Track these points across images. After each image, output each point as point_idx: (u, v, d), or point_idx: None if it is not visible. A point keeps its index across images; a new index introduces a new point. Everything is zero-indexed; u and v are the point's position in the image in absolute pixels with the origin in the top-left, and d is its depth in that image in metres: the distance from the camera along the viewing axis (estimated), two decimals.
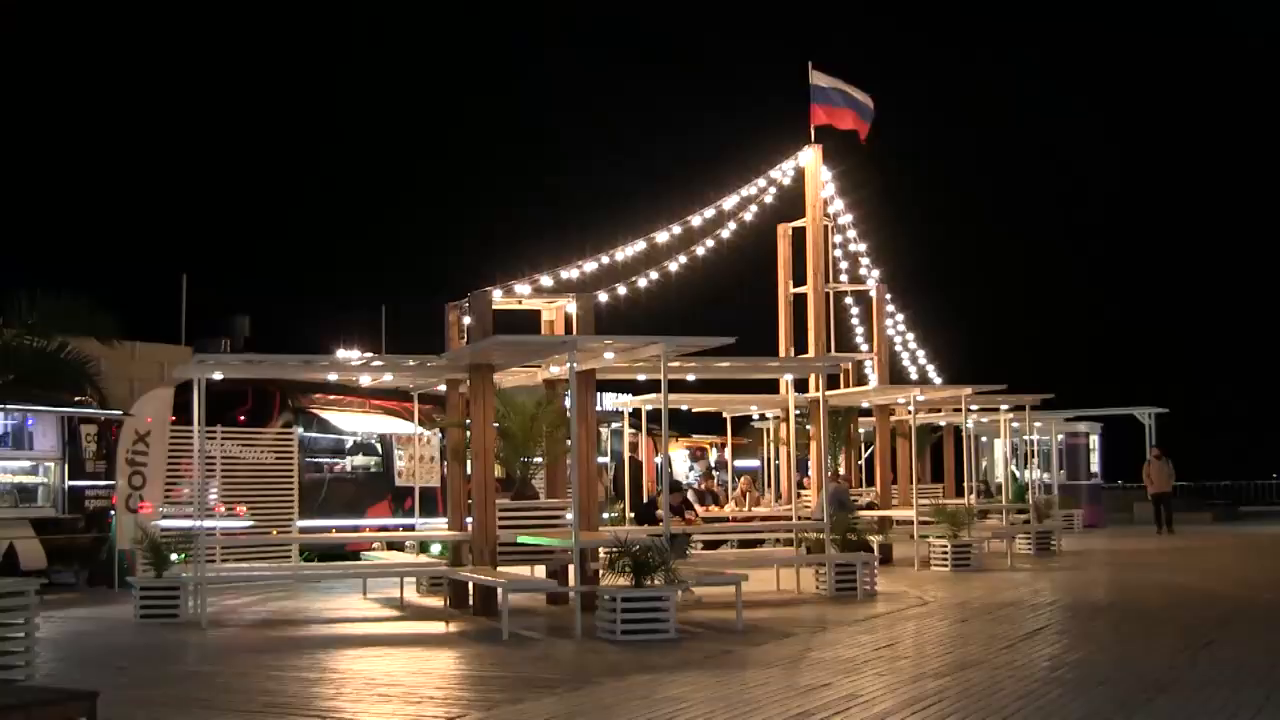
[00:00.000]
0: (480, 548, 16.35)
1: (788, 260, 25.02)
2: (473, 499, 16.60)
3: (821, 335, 23.96)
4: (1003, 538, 24.14)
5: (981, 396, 25.17)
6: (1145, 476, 32.06)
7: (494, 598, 15.77)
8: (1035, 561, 23.74)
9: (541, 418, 17.28)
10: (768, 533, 22.44)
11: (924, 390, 23.92)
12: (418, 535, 19.56)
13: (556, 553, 16.39)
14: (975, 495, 27.48)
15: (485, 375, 16.58)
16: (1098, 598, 17.87)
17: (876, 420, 25.15)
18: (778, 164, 24.33)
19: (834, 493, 20.90)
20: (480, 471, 16.43)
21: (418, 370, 17.84)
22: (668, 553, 13.82)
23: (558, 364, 17.12)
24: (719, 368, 19.15)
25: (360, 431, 24.58)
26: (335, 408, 24.09)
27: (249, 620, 16.22)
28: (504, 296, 17.81)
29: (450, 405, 18.14)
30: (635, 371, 18.66)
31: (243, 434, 21.74)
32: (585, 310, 17.20)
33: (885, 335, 25.98)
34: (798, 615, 15.75)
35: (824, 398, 19.68)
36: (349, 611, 16.94)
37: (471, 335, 16.94)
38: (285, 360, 17.76)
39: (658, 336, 15.25)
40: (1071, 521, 32.77)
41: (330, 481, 23.67)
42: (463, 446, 17.33)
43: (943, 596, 17.58)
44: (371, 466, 24.73)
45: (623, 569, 13.72)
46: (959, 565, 21.67)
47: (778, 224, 24.96)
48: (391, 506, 24.31)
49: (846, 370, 25.64)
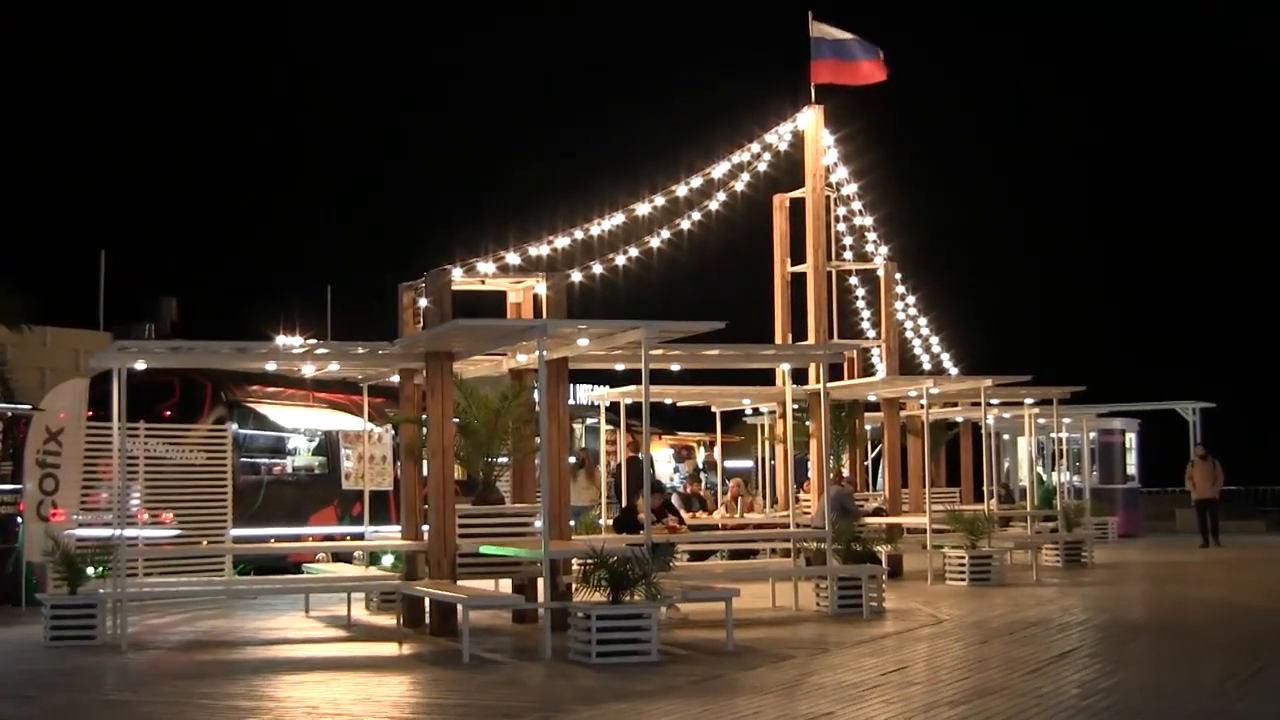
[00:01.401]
0: (438, 559, 16.33)
1: (785, 235, 25.02)
2: (429, 504, 16.58)
3: (823, 320, 23.96)
4: (1027, 548, 24.18)
5: (1003, 389, 25.20)
6: (1188, 480, 32.16)
7: (453, 616, 15.76)
8: (1064, 575, 23.82)
9: (507, 412, 17.26)
10: (762, 542, 22.43)
11: (938, 382, 23.94)
12: (368, 545, 19.54)
13: (524, 565, 16.37)
14: (996, 500, 27.51)
15: (444, 364, 16.54)
16: (1134, 616, 17.95)
17: (884, 416, 25.17)
18: (773, 127, 24.33)
19: (836, 497, 20.91)
20: (438, 473, 16.40)
21: (368, 359, 17.81)
22: (649, 564, 13.84)
23: (525, 352, 17.10)
24: (707, 356, 19.15)
25: (303, 428, 24.53)
26: (274, 401, 24.03)
27: (175, 642, 16.19)
28: (465, 275, 17.78)
29: (404, 398, 18.12)
30: (613, 360, 18.63)
31: (169, 431, 21.68)
32: (557, 291, 17.18)
33: (895, 320, 25.98)
34: (796, 635, 15.77)
35: (825, 390, 19.69)
36: (289, 632, 16.91)
37: (428, 319, 16.90)
38: (217, 347, 17.68)
39: (638, 321, 15.24)
40: (1105, 530, 32.91)
41: (269, 484, 23.62)
42: (418, 445, 17.30)
43: (959, 614, 17.62)
44: (315, 467, 24.67)
45: (598, 583, 13.73)
46: (977, 579, 21.71)
47: (773, 194, 24.94)
48: (338, 513, 24.27)
49: (851, 359, 25.66)
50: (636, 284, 22.33)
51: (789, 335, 24.69)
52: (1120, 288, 62.68)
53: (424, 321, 17.15)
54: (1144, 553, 29.98)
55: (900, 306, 26.95)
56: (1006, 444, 36.54)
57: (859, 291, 26.95)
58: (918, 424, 25.38)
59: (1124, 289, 62.83)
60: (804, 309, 24.16)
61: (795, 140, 24.37)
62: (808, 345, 23.14)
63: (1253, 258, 60.33)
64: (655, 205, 22.61)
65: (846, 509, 21.51)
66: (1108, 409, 36.17)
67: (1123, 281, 63.00)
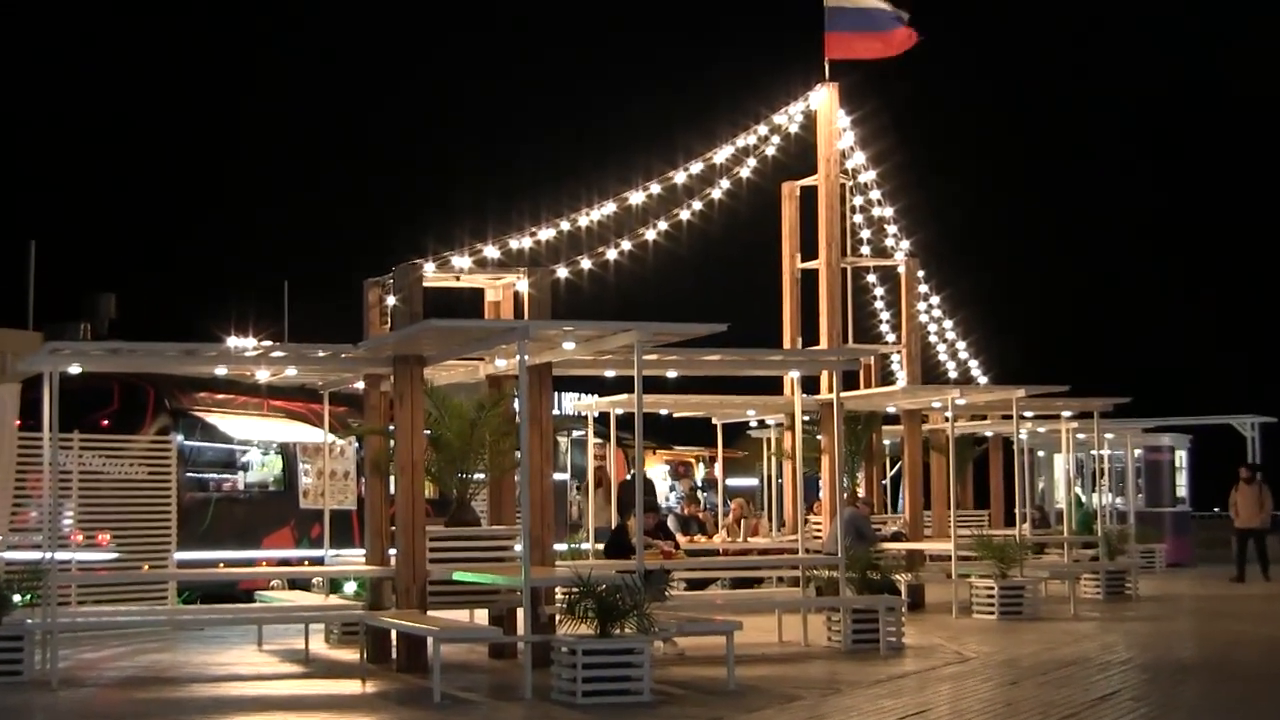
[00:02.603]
0: (406, 587, 16.34)
1: (794, 227, 25.04)
2: (397, 525, 16.58)
3: (836, 322, 24.00)
4: (1064, 578, 24.21)
5: (1038, 400, 25.24)
6: (1231, 506, 31.71)
7: (423, 650, 15.75)
8: (1105, 609, 23.84)
9: (484, 423, 17.26)
10: (768, 569, 22.45)
11: (965, 392, 24.00)
12: (328, 571, 19.54)
13: (502, 593, 16.39)
14: (1029, 525, 27.55)
15: (413, 369, 16.55)
16: (1184, 656, 17.96)
17: (905, 429, 25.22)
18: (782, 107, 24.35)
19: (851, 520, 20.93)
20: (407, 490, 16.40)
21: (329, 363, 17.80)
22: (642, 593, 13.84)
23: (505, 356, 17.10)
24: (707, 362, 19.15)
25: (257, 440, 24.52)
26: (225, 410, 24.04)
27: (112, 679, 16.18)
28: (438, 271, 17.79)
29: (370, 407, 18.12)
30: (602, 366, 18.64)
31: (107, 442, 21.67)
32: (540, 289, 17.20)
33: (917, 322, 26.03)
34: (805, 674, 15.78)
35: (839, 400, 19.71)
36: (240, 667, 16.90)
37: (396, 319, 16.92)
38: (161, 349, 17.69)
39: (630, 322, 15.24)
40: (1152, 559, 32.91)
41: (217, 502, 23.62)
42: (385, 459, 17.32)
43: (987, 652, 17.64)
44: (270, 484, 24.68)
45: (585, 614, 13.73)
46: (1008, 612, 21.74)
47: (782, 182, 24.97)
48: (295, 534, 24.27)
49: (867, 366, 25.70)
50: (629, 281, 22.36)
51: (799, 339, 24.70)
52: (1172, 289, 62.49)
53: (392, 322, 17.16)
54: (1195, 584, 29.99)
55: (923, 308, 26.93)
56: (1041, 462, 36.55)
57: (877, 291, 26.93)
58: (942, 439, 25.39)
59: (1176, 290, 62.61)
60: (815, 310, 24.17)
61: (807, 121, 24.39)
62: (820, 350, 23.17)
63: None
64: (650, 194, 22.62)
65: (862, 533, 21.52)
66: (1155, 423, 36.22)
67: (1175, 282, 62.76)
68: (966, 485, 29.34)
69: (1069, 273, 59.78)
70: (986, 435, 30.05)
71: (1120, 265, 62.22)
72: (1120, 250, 62.58)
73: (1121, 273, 61.95)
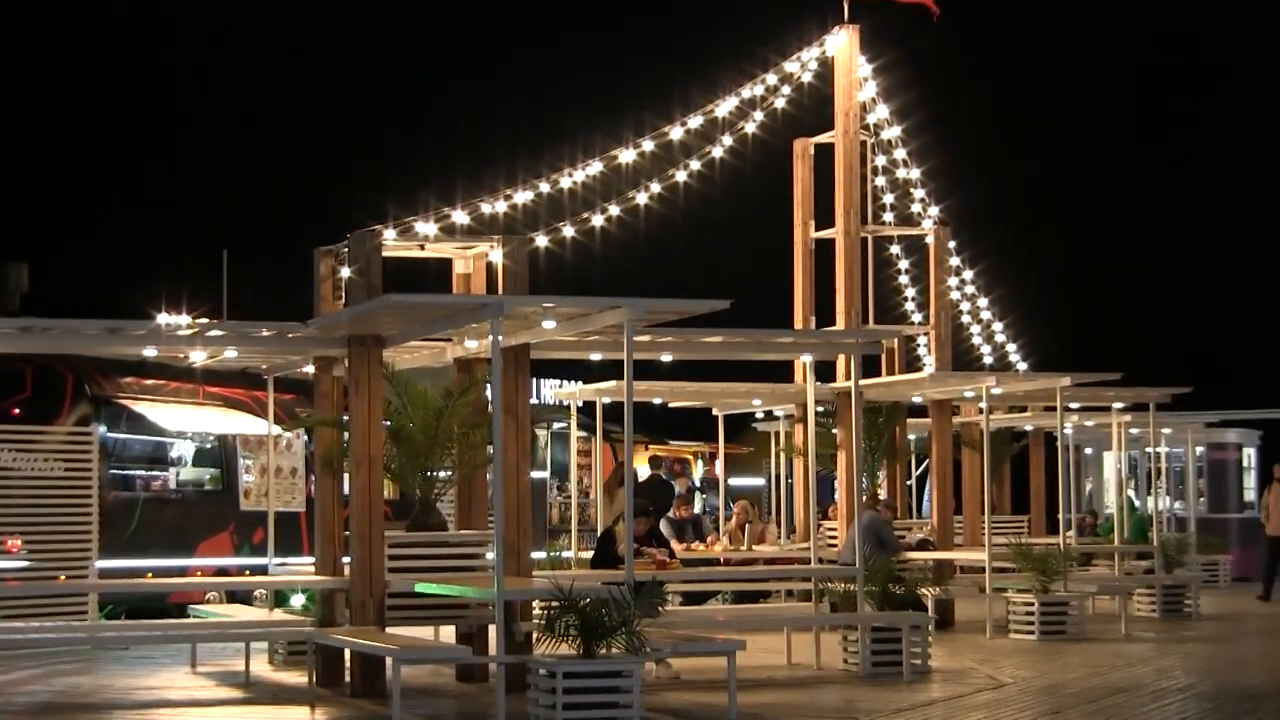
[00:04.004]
0: (362, 600, 16.37)
1: (808, 191, 25.04)
2: (351, 530, 16.60)
3: (855, 299, 24.02)
4: (1115, 593, 24.25)
5: (1086, 389, 25.25)
6: (1262, 510, 31.44)
7: (381, 672, 15.80)
8: (1161, 628, 23.90)
9: (452, 413, 17.29)
10: (775, 582, 22.47)
11: (1002, 380, 23.99)
12: (272, 582, 19.55)
13: (472, 607, 16.43)
14: (1075, 532, 27.60)
15: (371, 351, 16.57)
16: (1253, 683, 18.00)
17: (933, 423, 25.24)
18: (795, 53, 24.35)
19: (870, 525, 20.97)
20: (363, 490, 16.43)
21: (274, 343, 17.81)
22: (631, 608, 13.88)
23: (476, 336, 17.13)
24: (707, 344, 19.19)
25: (191, 431, 24.54)
26: (154, 397, 24.04)
27: (25, 704, 16.18)
28: (400, 239, 17.80)
29: (321, 394, 18.14)
30: (587, 349, 18.67)
31: (18, 434, 21.68)
32: (516, 260, 17.21)
33: (948, 300, 26.02)
34: (816, 700, 15.82)
35: (858, 389, 19.73)
36: (170, 692, 16.92)
37: (352, 294, 16.93)
38: (82, 327, 17.70)
39: (620, 298, 15.28)
40: (1215, 572, 32.98)
41: (146, 503, 23.63)
42: (338, 454, 17.34)
43: (1026, 676, 17.68)
44: (206, 482, 24.70)
45: (567, 632, 13.77)
46: (1050, 632, 21.80)
47: (794, 139, 24.99)
48: (234, 540, 24.30)
49: (891, 350, 25.68)
50: (618, 252, 22.35)
51: (812, 319, 24.73)
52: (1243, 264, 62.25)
53: (346, 297, 17.17)
54: (1265, 602, 30.00)
55: (954, 283, 26.87)
56: (1089, 460, 36.62)
57: (902, 264, 26.92)
58: (976, 433, 25.43)
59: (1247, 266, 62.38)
60: (831, 285, 24.19)
61: (823, 70, 24.39)
62: (836, 331, 23.20)
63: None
64: (643, 152, 22.60)
65: (883, 541, 21.55)
66: (1220, 416, 36.18)
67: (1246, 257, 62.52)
68: (1003, 486, 29.40)
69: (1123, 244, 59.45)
70: (1026, 430, 30.11)
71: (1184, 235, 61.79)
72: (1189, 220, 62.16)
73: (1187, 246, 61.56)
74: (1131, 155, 61.96)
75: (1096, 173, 59.94)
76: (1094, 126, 62.26)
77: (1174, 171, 62.84)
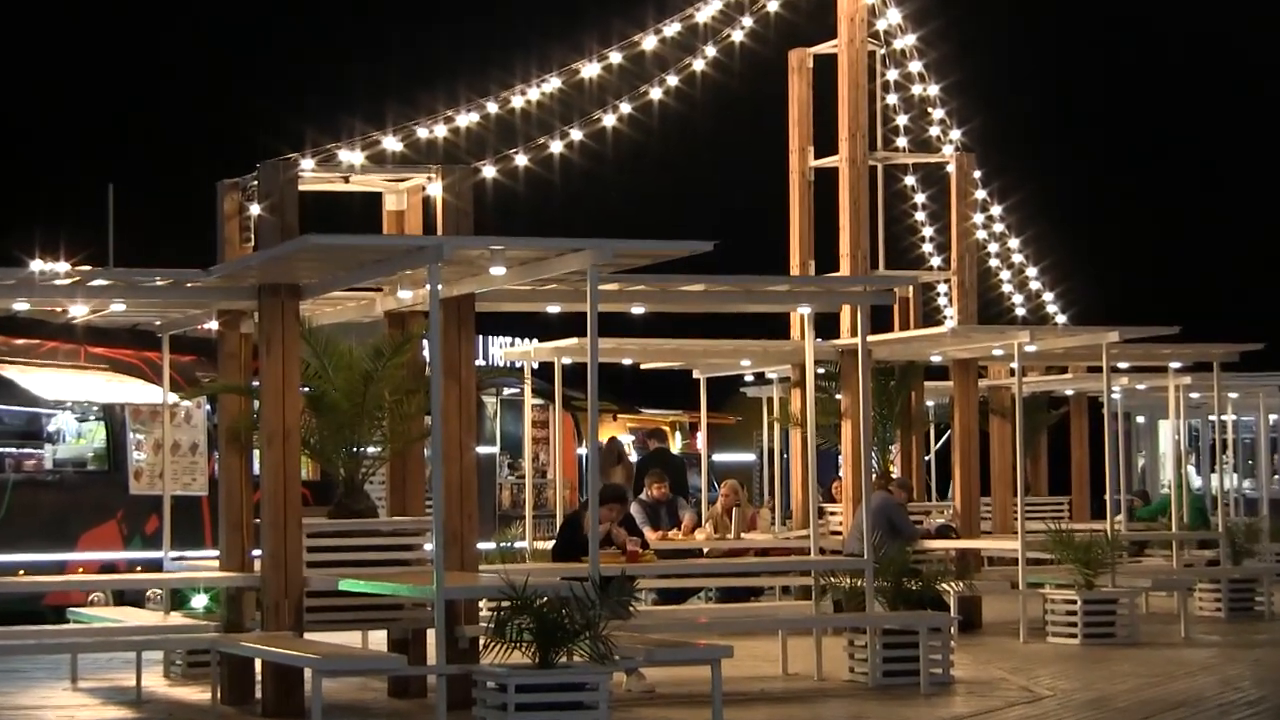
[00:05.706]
0: (276, 601, 16.35)
1: (806, 111, 25.02)
2: (263, 517, 16.55)
3: (864, 239, 24.03)
4: (1172, 589, 24.30)
5: (1137, 347, 25.28)
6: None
7: (299, 686, 15.78)
8: (1227, 631, 23.97)
9: (382, 377, 17.27)
10: (768, 576, 22.49)
11: (1038, 335, 24.00)
12: (168, 579, 19.50)
13: (407, 608, 16.40)
14: (1126, 516, 27.63)
15: (286, 304, 16.54)
16: None
17: (955, 387, 25.28)
18: None
19: (882, 509, 21.01)
20: (277, 469, 16.41)
21: (170, 294, 17.76)
22: (597, 608, 13.85)
23: (411, 285, 17.09)
24: (687, 294, 19.18)
25: (70, 400, 24.50)
26: (26, 361, 24.01)
27: None
28: (319, 169, 17.75)
29: (226, 355, 18.05)
30: (544, 299, 18.66)
31: None
32: (459, 194, 17.18)
33: (972, 241, 26.04)
34: (818, 717, 15.83)
35: (865, 346, 19.70)
36: (47, 712, 16.92)
37: (263, 235, 16.86)
38: None
39: (582, 240, 15.26)
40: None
41: (17, 487, 23.60)
42: (247, 426, 17.29)
43: (1066, 689, 17.72)
44: (89, 461, 24.68)
45: (520, 637, 13.77)
46: (1095, 635, 21.84)
47: (789, 49, 24.94)
48: (123, 530, 24.26)
49: (905, 299, 25.69)
50: (581, 184, 22.30)
51: (811, 263, 24.73)
52: None
53: (256, 239, 17.11)
54: None
55: (981, 220, 26.91)
56: (1142, 430, 36.70)
57: (918, 198, 26.97)
58: (1006, 399, 25.45)
59: None
60: (834, 223, 24.18)
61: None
62: (839, 278, 23.19)
63: None
64: (610, 65, 22.57)
65: (896, 527, 21.60)
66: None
67: None
68: (1039, 462, 29.46)
69: (1184, 172, 59.37)
70: (1067, 395, 30.15)
71: (1255, 166, 61.63)
72: (1260, 147, 62.01)
73: (1251, 176, 61.51)
74: (1201, 65, 61.72)
75: (1150, 88, 59.73)
76: (1153, 31, 61.82)
77: (1237, 90, 62.83)
